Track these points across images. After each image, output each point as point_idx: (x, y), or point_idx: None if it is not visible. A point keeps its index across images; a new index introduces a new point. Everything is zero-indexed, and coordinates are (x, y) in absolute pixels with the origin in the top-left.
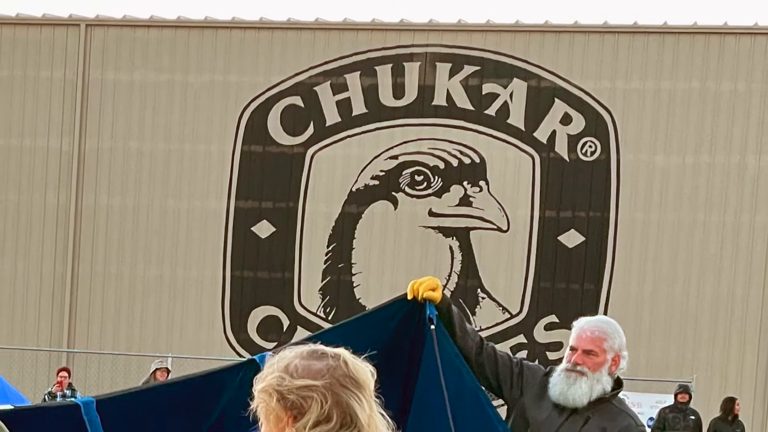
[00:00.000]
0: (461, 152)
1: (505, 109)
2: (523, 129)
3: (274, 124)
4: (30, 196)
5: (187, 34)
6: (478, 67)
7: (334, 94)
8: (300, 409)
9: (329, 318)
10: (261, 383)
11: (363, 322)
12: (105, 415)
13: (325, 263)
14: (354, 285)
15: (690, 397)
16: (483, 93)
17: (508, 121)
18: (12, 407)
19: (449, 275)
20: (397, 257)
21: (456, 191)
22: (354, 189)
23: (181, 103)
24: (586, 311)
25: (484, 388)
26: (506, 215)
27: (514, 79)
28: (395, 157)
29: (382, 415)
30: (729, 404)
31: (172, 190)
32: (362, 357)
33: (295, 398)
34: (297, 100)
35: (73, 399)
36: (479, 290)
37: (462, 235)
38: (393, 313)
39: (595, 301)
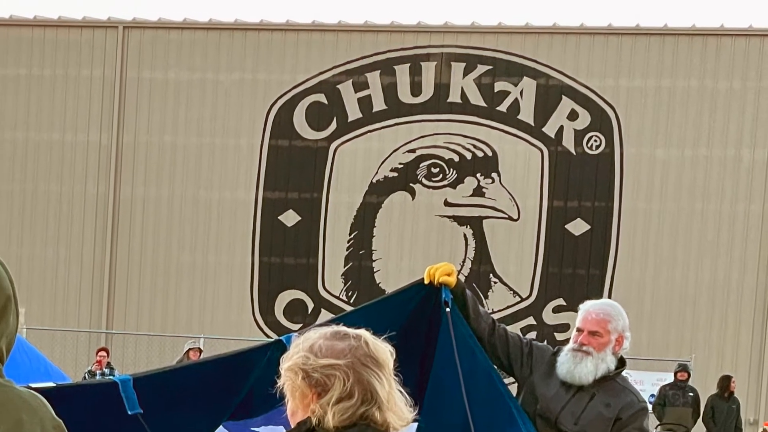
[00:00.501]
0: (474, 146)
1: (515, 106)
2: (533, 124)
3: (299, 119)
4: (71, 187)
5: (218, 36)
6: (490, 67)
7: (355, 92)
8: (324, 386)
9: (351, 301)
10: (287, 362)
11: (383, 305)
12: (141, 392)
13: (347, 250)
14: (374, 270)
15: (689, 375)
16: (495, 91)
17: (519, 116)
18: (54, 385)
19: (463, 261)
20: (414, 244)
21: (470, 182)
22: (374, 180)
23: (212, 100)
24: (592, 295)
25: (496, 367)
26: (517, 205)
27: (524, 77)
28: (413, 151)
29: (401, 391)
30: (725, 382)
31: (203, 182)
32: (382, 338)
33: (319, 376)
34: (321, 97)
35: (111, 377)
36: (491, 275)
37: (475, 223)
38: (411, 297)
39: (600, 285)
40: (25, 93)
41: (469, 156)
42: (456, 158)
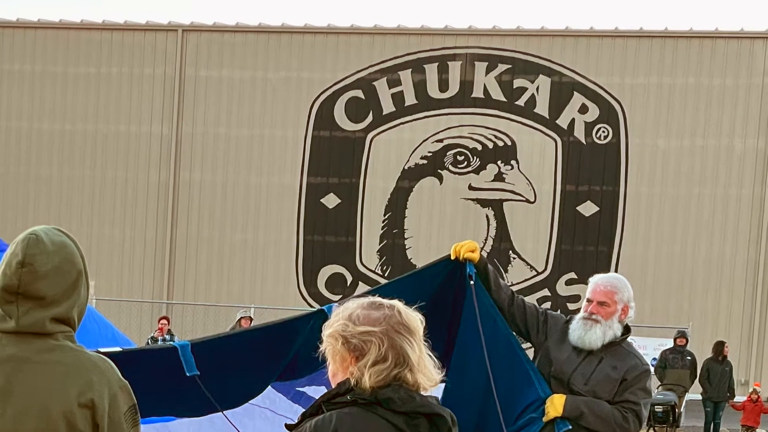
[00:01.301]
0: (495, 136)
1: (532, 101)
2: (547, 117)
3: (339, 113)
4: (136, 173)
5: (267, 38)
6: (509, 66)
7: (389, 88)
8: (361, 351)
9: (385, 275)
10: (328, 329)
11: (413, 278)
12: (198, 356)
13: (381, 229)
14: (406, 247)
15: (687, 341)
16: (514, 87)
17: (535, 110)
18: (120, 349)
19: (486, 239)
20: (441, 224)
21: (491, 169)
22: (406, 167)
23: (261, 95)
24: (600, 269)
25: (514, 333)
26: (533, 189)
27: (540, 75)
28: (440, 141)
29: (430, 355)
30: (719, 347)
31: (254, 168)
32: (413, 307)
33: (357, 342)
34: (359, 93)
35: (171, 343)
36: (511, 252)
37: (496, 205)
38: (439, 271)
39: (607, 260)
40: (95, 89)
41: (490, 145)
42: (479, 147)
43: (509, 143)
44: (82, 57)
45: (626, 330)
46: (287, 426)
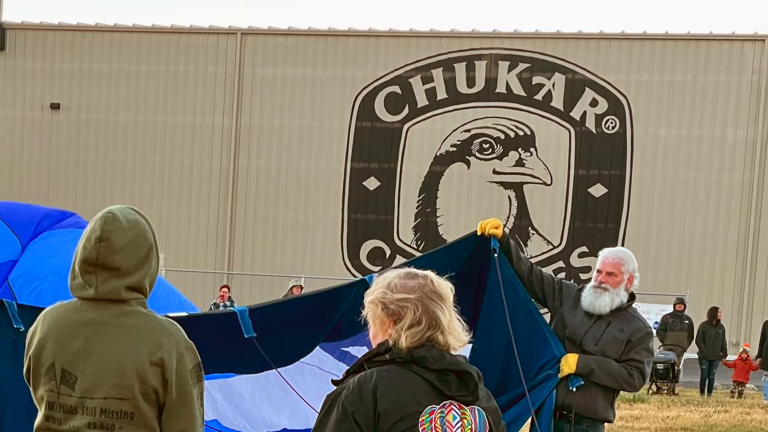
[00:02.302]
0: (516, 127)
1: (548, 95)
2: (562, 110)
3: (379, 106)
4: (200, 159)
5: (315, 40)
6: (529, 64)
7: (423, 84)
8: (398, 315)
9: (419, 249)
10: (370, 296)
11: (444, 251)
12: (255, 320)
13: (416, 208)
14: (438, 224)
15: (685, 307)
16: (533, 83)
17: (551, 104)
18: (186, 314)
19: (508, 217)
20: (469, 204)
21: (513, 155)
22: (438, 154)
23: (310, 90)
24: (608, 244)
25: (533, 300)
26: (550, 173)
27: (556, 73)
28: (468, 131)
29: (459, 319)
30: (713, 312)
31: (304, 155)
32: (444, 277)
33: (395, 307)
34: (396, 89)
35: (231, 308)
36: (530, 228)
37: (517, 188)
38: (466, 245)
39: (615, 236)
40: (164, 86)
41: (512, 134)
42: (502, 136)
43: (528, 133)
44: (153, 57)
45: (631, 297)
46: (333, 381)
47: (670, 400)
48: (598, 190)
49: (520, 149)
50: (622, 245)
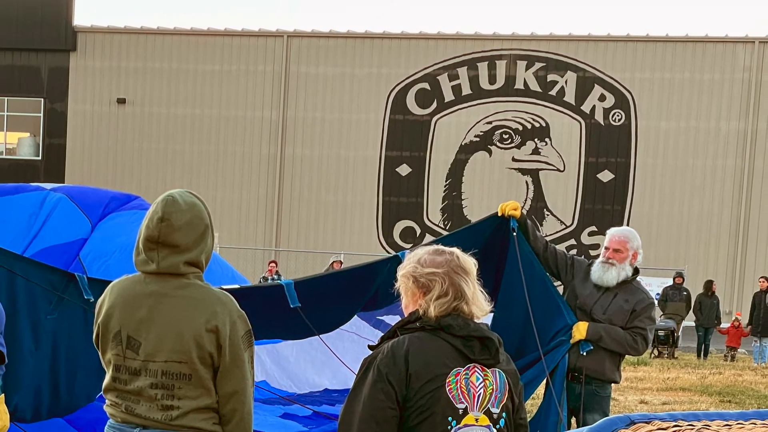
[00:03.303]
0: (533, 119)
1: (562, 91)
2: (574, 104)
3: (410, 100)
4: (250, 148)
5: (354, 42)
6: (544, 64)
7: (449, 81)
8: (427, 287)
9: (446, 228)
10: (402, 270)
11: (469, 230)
12: (300, 291)
13: (443, 192)
14: (463, 207)
15: (683, 280)
16: (547, 80)
17: (564, 98)
18: (238, 286)
19: (525, 200)
20: (491, 188)
21: (530, 145)
22: (463, 143)
23: (349, 87)
24: (615, 223)
25: (548, 274)
26: (563, 161)
27: (568, 71)
28: (490, 123)
29: (481, 291)
30: (709, 284)
31: (343, 144)
32: (468, 253)
33: (425, 280)
34: (426, 85)
35: (278, 281)
36: (545, 210)
37: (534, 174)
38: (488, 225)
39: (621, 217)
40: (218, 82)
41: (529, 126)
42: (520, 128)
43: (544, 125)
44: (208, 57)
45: (635, 271)
46: (370, 347)
47: (670, 363)
48: (605, 176)
49: (536, 139)
50: (627, 225)
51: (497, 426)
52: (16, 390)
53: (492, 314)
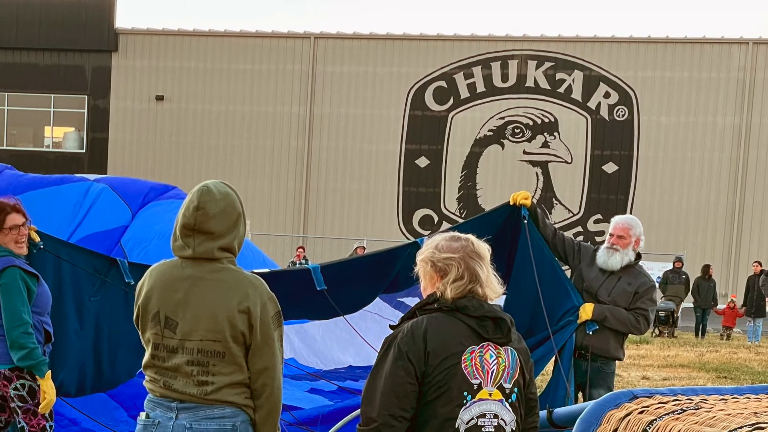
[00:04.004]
0: (543, 115)
1: (569, 89)
2: (580, 101)
3: (428, 97)
4: (279, 141)
5: (376, 43)
6: (553, 63)
7: (465, 80)
8: (444, 271)
9: (462, 216)
10: (421, 255)
11: (483, 218)
12: (326, 275)
13: (459, 182)
14: (477, 196)
15: (682, 264)
16: (556, 79)
17: (572, 96)
18: (268, 270)
19: (535, 190)
20: (503, 179)
21: (539, 139)
22: (477, 137)
23: (372, 84)
24: (619, 211)
25: (556, 258)
26: (570, 153)
27: (575, 70)
28: (502, 118)
29: (494, 275)
30: (706, 268)
31: (366, 137)
32: (482, 240)
33: (442, 265)
34: (443, 83)
35: (306, 265)
36: (554, 199)
37: (543, 165)
38: (501, 213)
39: (624, 205)
40: (249, 80)
41: (539, 121)
42: (530, 123)
43: (552, 120)
44: (240, 57)
45: (638, 256)
46: (391, 326)
47: (670, 342)
48: (610, 168)
49: (545, 133)
50: (630, 213)
51: (509, 400)
52: (62, 366)
53: (504, 296)
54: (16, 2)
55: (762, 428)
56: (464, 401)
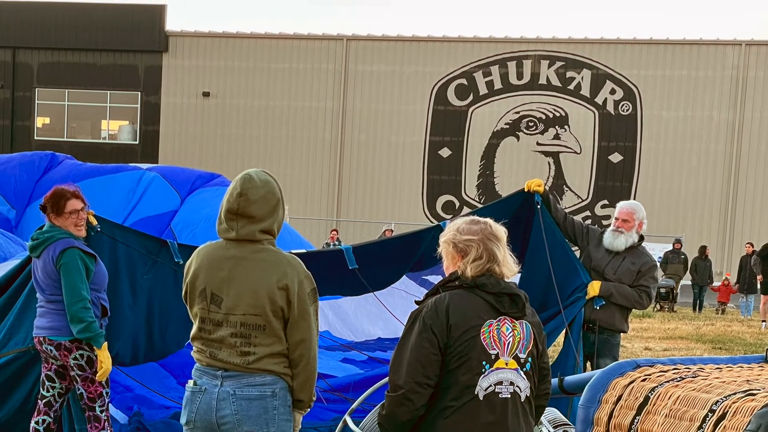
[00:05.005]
0: (554, 109)
1: (578, 86)
2: (589, 97)
3: (450, 93)
4: (315, 133)
5: (403, 44)
6: (563, 62)
7: (483, 78)
8: (465, 252)
9: (481, 201)
10: (443, 237)
11: (500, 204)
12: (357, 255)
13: (479, 171)
14: (495, 183)
15: (681, 245)
16: (566, 77)
17: (580, 92)
18: (305, 251)
19: (548, 178)
20: (518, 168)
21: (551, 131)
22: (495, 130)
23: (399, 82)
24: (624, 197)
25: (567, 240)
26: (579, 144)
27: (584, 69)
28: (518, 113)
29: (510, 255)
30: (703, 249)
31: (393, 130)
32: (500, 223)
33: (463, 246)
34: (464, 81)
35: (339, 246)
36: (564, 186)
37: (555, 156)
38: (516, 199)
39: (628, 192)
40: (287, 78)
41: (551, 115)
42: (543, 117)
43: (563, 114)
44: (280, 56)
45: (641, 238)
46: (416, 302)
47: (670, 316)
48: (615, 158)
49: (556, 126)
50: (634, 199)
51: (524, 369)
52: (117, 338)
53: (519, 274)
54: (76, 8)
55: (753, 394)
56: (483, 370)
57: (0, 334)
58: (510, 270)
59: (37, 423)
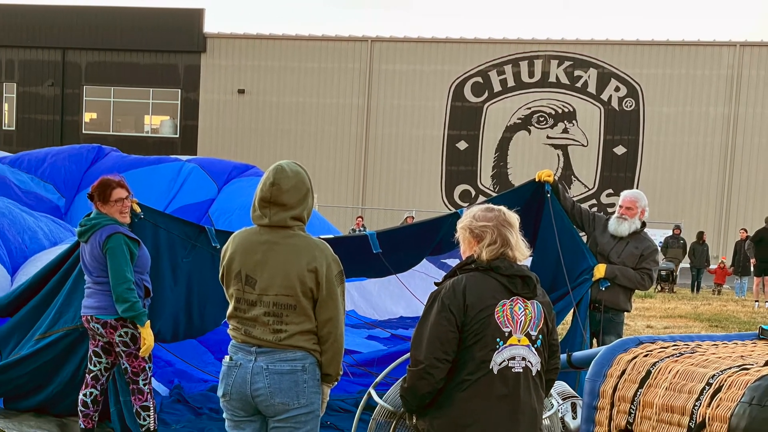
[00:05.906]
0: (563, 106)
1: (585, 83)
2: (595, 93)
3: (467, 90)
4: (341, 128)
5: (423, 46)
6: (572, 62)
7: (498, 76)
8: (480, 237)
9: (495, 191)
10: (461, 224)
11: (512, 193)
12: (381, 240)
13: (493, 161)
14: (508, 174)
15: (680, 231)
16: (574, 75)
17: (587, 90)
18: (333, 236)
19: (557, 169)
20: (530, 159)
21: (560, 126)
22: (508, 124)
23: (419, 80)
24: (627, 187)
25: (575, 226)
26: (586, 138)
27: (590, 68)
28: (529, 108)
29: (522, 240)
30: (700, 234)
31: (414, 124)
32: (513, 210)
33: (478, 231)
34: (479, 79)
35: (364, 232)
36: (572, 176)
37: (563, 148)
38: (527, 188)
39: (631, 182)
40: (317, 77)
41: (560, 111)
42: (553, 112)
43: (571, 110)
44: (309, 56)
45: (643, 224)
46: (435, 283)
47: (670, 296)
48: (620, 150)
49: (565, 121)
50: (637, 188)
51: (535, 345)
52: (159, 317)
53: (531, 258)
54: (120, 11)
55: (747, 369)
56: (497, 346)
57: (51, 313)
58: (522, 254)
59: (85, 395)
